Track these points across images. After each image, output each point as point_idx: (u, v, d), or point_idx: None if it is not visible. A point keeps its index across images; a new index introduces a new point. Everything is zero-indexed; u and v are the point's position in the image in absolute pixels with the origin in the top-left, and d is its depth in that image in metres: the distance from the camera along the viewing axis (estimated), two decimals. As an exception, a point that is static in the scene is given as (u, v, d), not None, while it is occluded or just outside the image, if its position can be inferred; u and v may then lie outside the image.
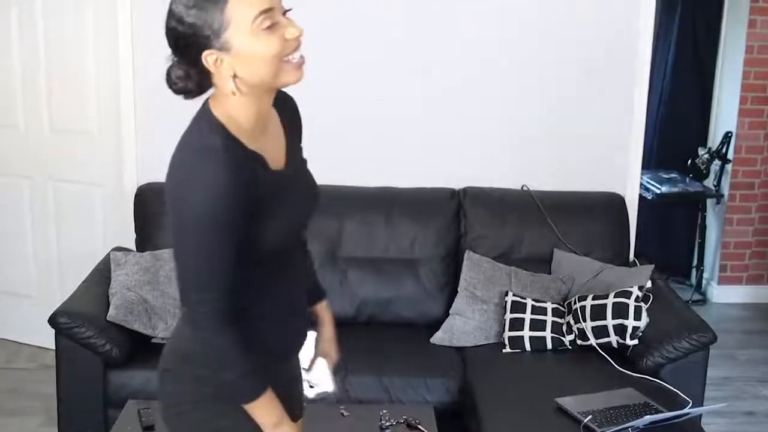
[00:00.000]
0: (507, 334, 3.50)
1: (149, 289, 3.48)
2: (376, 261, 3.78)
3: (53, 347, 3.35)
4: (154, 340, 3.41)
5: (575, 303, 3.50)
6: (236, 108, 1.73)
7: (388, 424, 2.91)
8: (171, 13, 1.68)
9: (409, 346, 3.56)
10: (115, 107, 4.02)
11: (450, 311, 3.66)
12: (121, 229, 4.02)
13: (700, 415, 3.11)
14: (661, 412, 2.90)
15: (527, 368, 3.39)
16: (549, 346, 3.47)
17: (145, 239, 3.79)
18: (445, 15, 3.97)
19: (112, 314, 3.35)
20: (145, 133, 3.98)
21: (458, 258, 3.79)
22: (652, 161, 5.78)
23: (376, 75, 4.00)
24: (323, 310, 2.20)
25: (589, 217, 3.91)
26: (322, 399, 2.24)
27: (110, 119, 4.08)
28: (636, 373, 3.23)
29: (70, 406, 3.32)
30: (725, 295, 5.58)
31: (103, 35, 4.01)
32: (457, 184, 3.96)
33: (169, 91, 3.29)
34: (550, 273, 3.76)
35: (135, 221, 3.86)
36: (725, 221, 5.55)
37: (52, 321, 3.24)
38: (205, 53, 1.66)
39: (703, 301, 5.57)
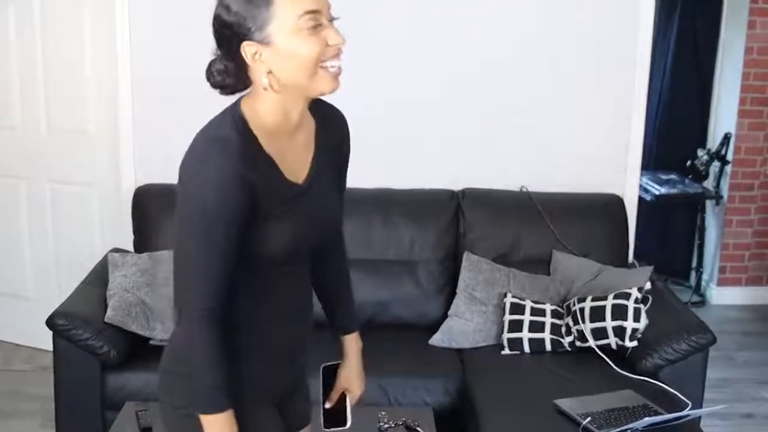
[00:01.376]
0: (506, 335, 3.49)
1: (147, 291, 3.47)
2: (375, 262, 3.77)
3: (51, 349, 3.34)
4: (151, 342, 3.40)
5: (574, 305, 3.49)
6: (265, 106, 1.72)
7: (386, 426, 2.90)
8: (220, 1, 1.68)
9: (407, 347, 3.55)
10: (113, 108, 4.01)
11: (449, 313, 3.65)
12: (119, 230, 4.01)
13: (700, 417, 3.10)
14: (661, 414, 2.89)
15: (526, 370, 3.38)
16: (548, 347, 3.46)
17: (143, 240, 3.78)
18: (444, 17, 3.96)
19: (110, 316, 3.34)
20: (142, 134, 3.97)
21: (457, 259, 3.78)
22: (651, 162, 5.77)
23: (374, 76, 3.98)
24: (350, 342, 2.13)
25: (588, 218, 3.90)
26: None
27: (108, 120, 4.07)
28: (635, 374, 3.22)
29: (68, 408, 3.31)
30: (724, 297, 5.57)
31: (101, 35, 4.01)
32: (456, 185, 3.95)
33: (167, 92, 3.28)
34: (549, 274, 3.75)
35: (133, 222, 3.85)
36: (724, 222, 5.54)
37: (50, 322, 3.23)
38: (244, 44, 1.66)
39: (703, 302, 5.56)
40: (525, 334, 3.47)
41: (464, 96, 4.02)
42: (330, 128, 1.91)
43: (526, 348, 3.46)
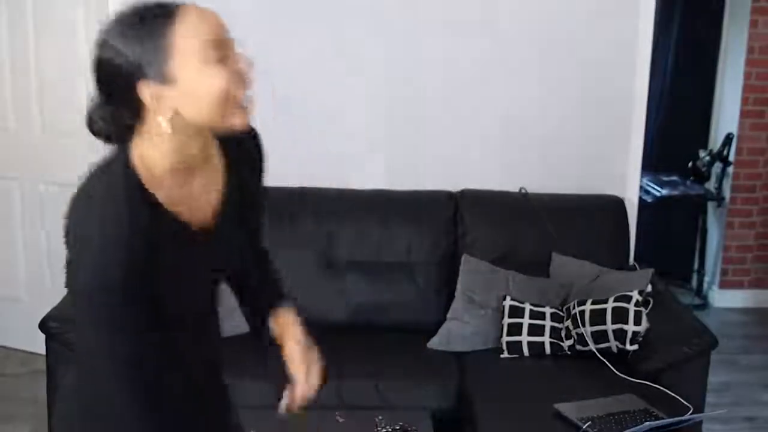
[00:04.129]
0: (505, 339, 3.46)
1: (141, 293, 3.43)
2: (372, 265, 3.74)
3: (44, 352, 3.30)
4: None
5: (574, 308, 3.45)
6: (159, 151, 1.54)
7: (384, 430, 2.87)
8: (103, 43, 1.50)
9: (405, 351, 3.52)
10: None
11: (447, 316, 3.62)
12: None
13: (701, 421, 3.08)
14: (662, 418, 2.86)
15: (526, 374, 3.35)
16: (548, 351, 3.42)
17: (138, 242, 3.75)
18: (445, 17, 3.93)
19: (103, 319, 3.30)
20: (137, 135, 3.94)
21: (455, 262, 3.74)
22: (652, 163, 5.74)
23: (372, 76, 3.97)
24: (286, 321, 1.89)
25: (588, 220, 3.87)
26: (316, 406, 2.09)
27: (102, 120, 4.04)
28: (636, 378, 3.18)
29: (61, 412, 3.27)
30: (726, 300, 5.54)
31: (94, 35, 3.97)
32: (454, 186, 3.92)
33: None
34: (548, 277, 3.72)
35: (127, 224, 3.82)
36: (726, 224, 5.50)
37: (43, 325, 3.20)
38: (140, 85, 1.47)
39: (704, 305, 5.52)
40: (524, 338, 3.43)
41: (463, 96, 3.99)
42: (241, 155, 1.72)
43: (526, 351, 3.43)
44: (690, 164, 5.59)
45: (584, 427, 2.81)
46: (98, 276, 1.48)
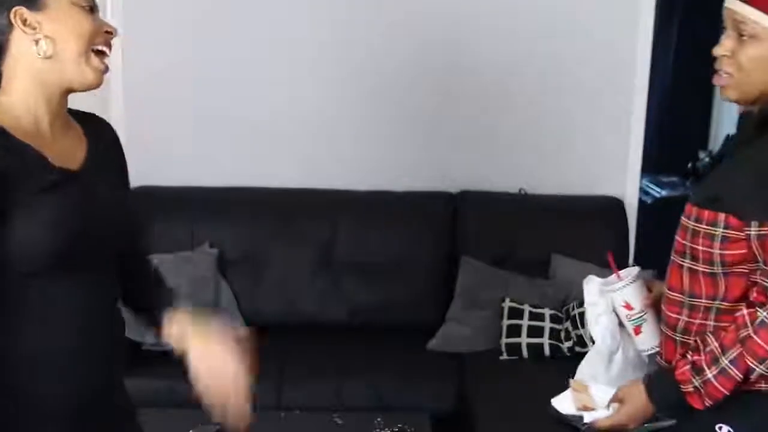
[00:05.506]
0: (504, 340, 3.45)
1: (140, 294, 3.42)
2: (371, 266, 3.73)
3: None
4: (143, 347, 3.36)
5: (573, 309, 3.45)
6: (15, 98, 1.56)
7: (382, 432, 2.87)
8: None
9: (404, 352, 3.51)
10: (105, 110, 3.96)
11: (446, 317, 3.61)
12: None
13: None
14: (661, 420, 2.84)
15: (525, 375, 3.34)
16: (547, 352, 3.42)
17: (136, 243, 3.74)
18: (443, 17, 3.92)
19: (102, 320, 3.29)
20: (135, 137, 3.90)
21: (455, 262, 3.73)
22: (651, 164, 5.73)
23: (370, 75, 3.96)
24: (182, 321, 1.65)
25: (587, 221, 3.87)
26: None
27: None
28: (635, 380, 3.17)
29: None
30: (726, 300, 5.52)
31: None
32: (454, 187, 3.91)
33: (159, 93, 3.21)
34: (548, 278, 3.71)
35: (126, 225, 3.80)
36: (726, 225, 5.49)
37: (40, 327, 3.18)
38: (15, 9, 1.51)
39: (704, 306, 5.51)
40: (524, 339, 3.43)
41: (462, 96, 3.98)
42: (98, 131, 1.74)
43: (525, 353, 3.42)
44: (690, 165, 5.59)
45: (583, 429, 2.79)
46: None
